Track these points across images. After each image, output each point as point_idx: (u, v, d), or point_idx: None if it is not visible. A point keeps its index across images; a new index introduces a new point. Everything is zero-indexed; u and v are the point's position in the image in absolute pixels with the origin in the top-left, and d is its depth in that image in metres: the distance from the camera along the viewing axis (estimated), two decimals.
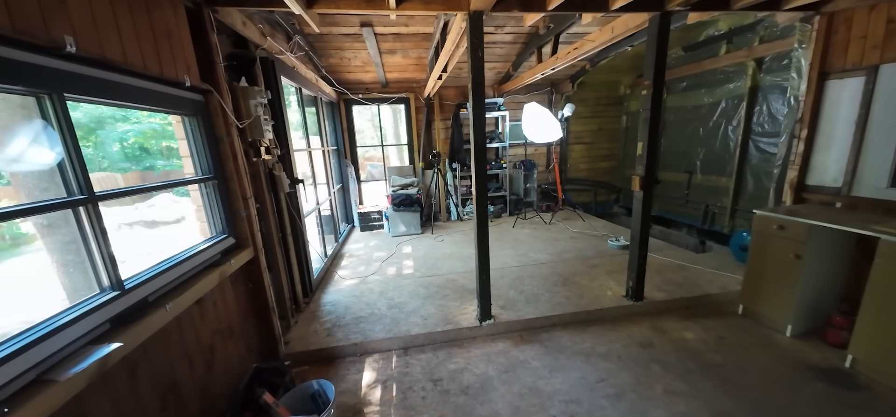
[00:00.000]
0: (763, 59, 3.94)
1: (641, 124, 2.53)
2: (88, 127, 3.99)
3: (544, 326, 2.57)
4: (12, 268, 2.40)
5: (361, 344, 2.36)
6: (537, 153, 6.31)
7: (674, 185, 5.38)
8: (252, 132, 2.14)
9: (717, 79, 4.54)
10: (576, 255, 3.79)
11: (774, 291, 2.36)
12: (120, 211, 5.25)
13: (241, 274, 1.97)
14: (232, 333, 1.84)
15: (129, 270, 1.28)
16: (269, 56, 2.57)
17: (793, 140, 2.66)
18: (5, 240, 3.33)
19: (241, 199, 1.95)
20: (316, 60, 4.33)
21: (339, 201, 5.37)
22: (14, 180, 1.12)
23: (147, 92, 1.37)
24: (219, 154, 1.86)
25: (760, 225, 2.40)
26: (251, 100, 2.11)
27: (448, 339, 2.46)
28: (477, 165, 2.32)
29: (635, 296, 2.71)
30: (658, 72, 2.38)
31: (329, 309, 2.84)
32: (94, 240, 1.12)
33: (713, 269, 3.21)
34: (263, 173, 2.30)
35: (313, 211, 3.53)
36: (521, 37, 4.45)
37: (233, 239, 1.90)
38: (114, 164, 3.84)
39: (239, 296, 1.94)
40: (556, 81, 6.06)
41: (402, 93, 5.55)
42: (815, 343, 2.22)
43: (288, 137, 2.72)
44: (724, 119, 4.48)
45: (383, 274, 3.54)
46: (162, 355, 1.35)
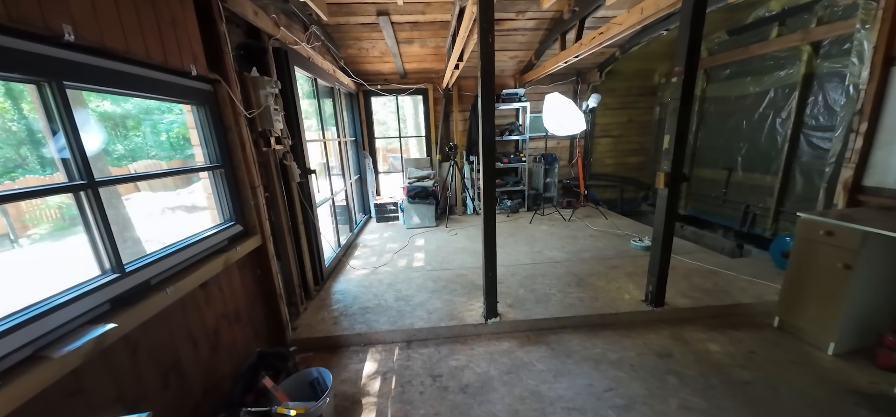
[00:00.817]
0: (821, 43, 3.51)
1: (669, 115, 2.32)
2: (137, 117, 4.29)
3: (553, 328, 2.47)
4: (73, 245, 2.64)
5: (365, 335, 2.38)
6: (559, 147, 6.06)
7: (710, 183, 4.98)
8: (262, 122, 2.17)
9: (765, 65, 4.11)
10: (594, 255, 3.60)
11: (817, 304, 2.10)
12: (164, 197, 5.65)
13: (248, 261, 2.03)
14: (238, 317, 1.90)
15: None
16: (283, 46, 2.60)
17: (850, 134, 2.34)
18: (65, 220, 3.66)
19: (249, 188, 1.99)
20: (334, 51, 4.36)
21: (355, 192, 5.45)
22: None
23: (150, 80, 1.41)
24: (227, 143, 1.90)
25: (805, 229, 2.14)
26: (261, 91, 2.14)
27: (452, 335, 2.42)
28: (485, 158, 2.23)
29: (655, 302, 2.53)
30: (691, 58, 2.15)
31: (338, 298, 2.88)
32: (96, 225, 1.17)
33: (748, 276, 2.93)
34: (274, 163, 2.34)
35: (327, 201, 3.59)
36: (544, 23, 4.23)
37: (240, 227, 1.95)
38: (161, 153, 4.12)
39: (246, 282, 2.00)
40: (583, 70, 5.75)
41: (420, 83, 5.50)
42: (861, 364, 1.96)
43: (300, 128, 2.76)
44: (772, 110, 4.06)
45: (394, 265, 3.55)
46: (165, 335, 1.40)
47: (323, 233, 3.18)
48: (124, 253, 1.26)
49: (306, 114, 3.62)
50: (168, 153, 4.23)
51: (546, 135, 5.12)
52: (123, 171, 4.04)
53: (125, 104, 3.79)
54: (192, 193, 5.39)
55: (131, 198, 5.18)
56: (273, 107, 2.24)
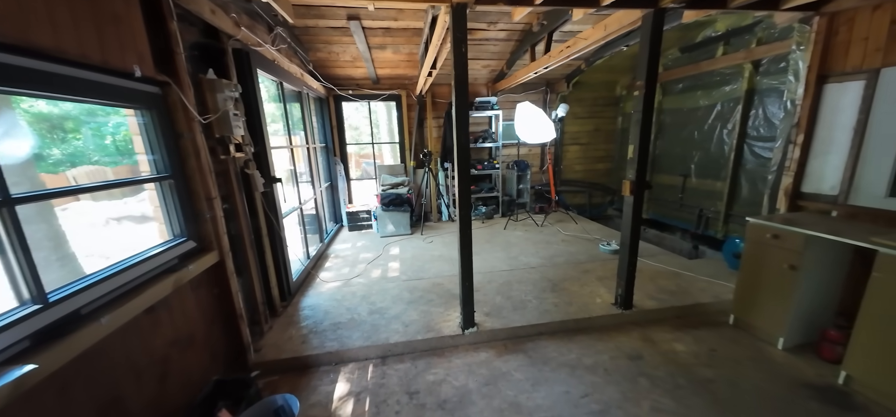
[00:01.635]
0: (760, 62, 3.86)
1: (633, 126, 2.43)
2: (79, 119, 3.84)
3: (530, 335, 2.47)
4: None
5: (337, 353, 2.25)
6: (531, 153, 6.21)
7: (669, 189, 5.31)
8: (220, 128, 2.01)
9: (713, 81, 4.46)
10: (567, 259, 3.69)
11: (767, 302, 2.27)
12: (109, 206, 5.08)
13: (204, 279, 1.85)
14: (192, 343, 1.72)
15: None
16: (244, 48, 2.44)
17: (788, 145, 2.57)
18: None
19: (204, 200, 1.83)
20: (301, 54, 4.19)
21: (326, 200, 5.24)
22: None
23: (86, 82, 1.24)
24: (179, 151, 1.73)
25: (754, 233, 2.31)
26: (218, 94, 1.98)
27: (429, 348, 2.35)
28: (461, 166, 2.21)
29: (625, 305, 2.61)
30: (651, 73, 2.27)
31: (307, 314, 2.72)
32: (11, 248, 1.00)
33: (707, 277, 3.12)
34: (234, 171, 2.17)
35: (295, 211, 3.40)
36: (514, 34, 4.33)
37: (194, 243, 1.78)
38: (105, 158, 3.69)
39: (202, 303, 1.82)
40: (552, 81, 5.95)
41: (393, 89, 5.42)
42: (808, 357, 2.13)
43: (264, 134, 2.59)
44: (719, 122, 4.40)
45: (368, 276, 3.42)
46: (101, 370, 1.23)
47: (290, 245, 3.00)
48: (54, 274, 1.09)
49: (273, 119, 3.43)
50: (113, 158, 3.82)
51: (518, 143, 5.22)
52: (60, 179, 3.60)
53: (64, 104, 3.39)
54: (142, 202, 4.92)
55: (69, 209, 4.62)
56: (232, 111, 2.09)
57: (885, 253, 1.68)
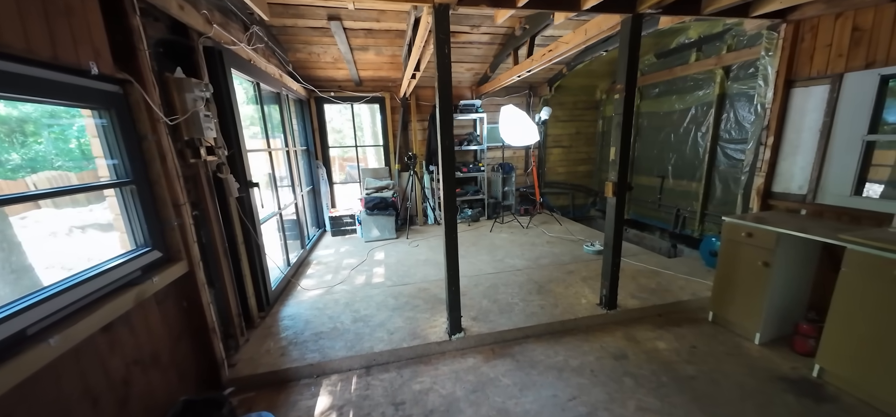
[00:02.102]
0: (731, 67, 4.03)
1: (614, 129, 2.46)
2: (40, 121, 3.55)
3: (517, 338, 2.45)
4: None
5: (319, 365, 2.15)
6: (516, 156, 6.26)
7: (647, 189, 5.45)
8: (189, 129, 1.89)
9: (687, 85, 4.62)
10: (552, 260, 3.71)
11: (743, 299, 2.34)
12: (73, 214, 4.73)
13: (172, 292, 1.73)
14: (157, 361, 1.59)
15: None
16: (217, 46, 2.32)
17: (760, 147, 2.68)
18: None
19: (171, 206, 1.71)
20: (280, 54, 4.07)
21: (308, 204, 5.08)
22: None
23: (32, 80, 1.13)
24: (142, 154, 1.62)
25: (729, 232, 2.38)
26: (187, 94, 1.86)
27: (415, 355, 2.29)
28: (445, 169, 2.17)
29: (609, 305, 2.64)
30: (630, 76, 2.31)
31: (287, 325, 2.60)
32: None
33: (685, 275, 3.21)
34: (205, 176, 2.05)
35: (273, 216, 3.27)
36: (497, 38, 4.35)
37: (159, 253, 1.66)
38: (69, 163, 3.41)
39: (168, 317, 1.70)
40: (534, 84, 6.02)
41: (377, 92, 5.34)
42: (783, 351, 2.21)
43: (239, 136, 2.47)
44: (694, 125, 4.56)
45: (351, 283, 3.32)
46: (49, 397, 1.11)
47: (269, 252, 2.87)
48: (4, 289, 0.97)
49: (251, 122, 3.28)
50: (78, 163, 3.56)
51: (502, 145, 5.25)
52: (19, 186, 3.32)
53: (23, 106, 3.13)
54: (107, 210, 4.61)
55: (28, 217, 4.27)
56: (203, 112, 1.97)
57: (853, 250, 1.75)
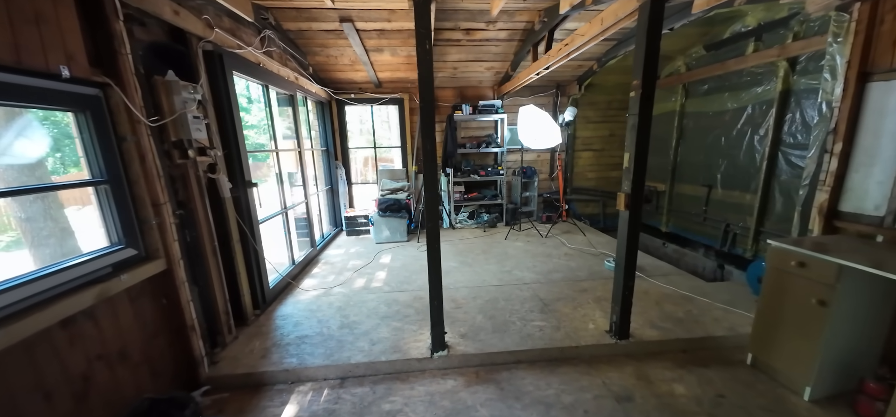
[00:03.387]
0: (798, 59, 3.39)
1: (628, 131, 2.14)
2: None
3: (507, 363, 2.22)
4: None
5: (294, 371, 2.11)
6: (540, 159, 5.89)
7: (691, 200, 4.82)
8: (177, 131, 1.94)
9: (743, 81, 3.99)
10: (565, 276, 3.38)
11: (792, 342, 1.89)
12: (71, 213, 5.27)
13: (148, 289, 1.77)
14: (126, 357, 1.63)
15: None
16: (218, 49, 2.38)
17: (824, 155, 2.17)
18: None
19: (150, 205, 1.75)
20: (300, 58, 4.18)
21: (325, 203, 5.21)
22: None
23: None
24: (122, 154, 1.67)
25: (776, 259, 1.94)
26: (176, 96, 1.91)
27: (393, 371, 2.17)
28: (427, 172, 2.02)
29: (620, 333, 2.30)
30: (649, 71, 1.98)
31: (278, 325, 2.62)
32: None
33: (724, 305, 2.73)
34: (194, 176, 2.10)
35: (277, 215, 3.34)
36: (516, 33, 4.09)
37: (134, 251, 1.70)
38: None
39: (143, 314, 1.74)
40: (562, 83, 5.63)
41: (396, 93, 5.33)
42: (840, 411, 1.74)
43: (238, 138, 2.53)
44: (750, 127, 3.92)
45: (350, 285, 3.29)
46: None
47: (272, 250, 2.93)
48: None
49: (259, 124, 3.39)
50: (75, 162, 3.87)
51: (522, 149, 4.95)
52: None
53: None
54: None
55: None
56: (193, 114, 2.02)
57: None
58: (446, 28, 3.89)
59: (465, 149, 5.45)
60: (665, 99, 5.28)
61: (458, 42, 4.18)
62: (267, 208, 3.11)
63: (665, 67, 5.28)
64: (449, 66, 4.77)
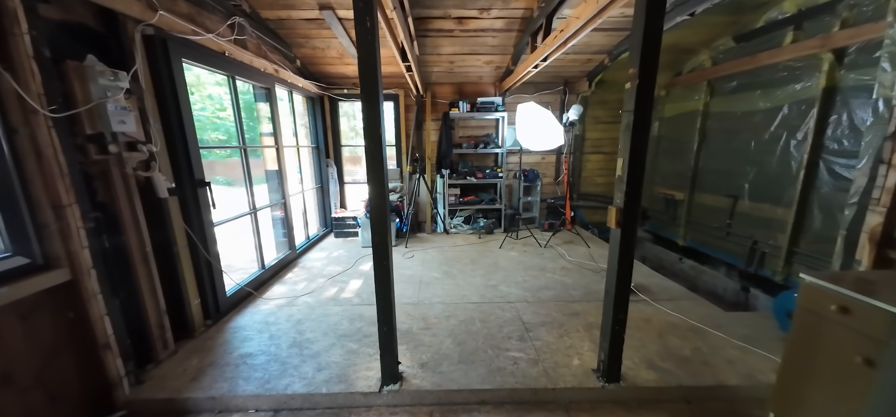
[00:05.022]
0: (845, 50, 2.86)
1: (623, 132, 1.75)
2: None
3: (468, 403, 1.89)
4: None
5: (222, 400, 1.86)
6: (544, 162, 5.47)
7: (713, 212, 4.29)
8: (93, 123, 1.73)
9: (778, 77, 3.45)
10: (557, 295, 2.99)
11: (826, 407, 1.46)
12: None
13: (46, 302, 1.56)
14: (9, 380, 1.42)
15: None
16: (161, 35, 2.16)
17: (879, 166, 1.70)
18: None
19: (49, 208, 1.53)
20: (283, 50, 3.97)
21: (315, 203, 5.01)
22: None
23: None
24: (15, 149, 1.45)
25: (811, 298, 1.51)
26: (92, 83, 1.69)
27: (334, 405, 1.88)
28: (373, 173, 1.71)
29: (608, 375, 1.91)
30: (647, 58, 1.60)
31: (226, 339, 2.39)
32: None
33: (742, 341, 2.27)
34: (118, 174, 1.88)
35: (243, 216, 3.12)
36: (514, 23, 3.72)
37: (24, 259, 1.49)
38: None
39: (36, 331, 1.53)
40: (571, 79, 5.18)
41: (390, 89, 5.05)
42: None
43: (184, 131, 2.31)
44: (785, 130, 3.39)
45: (319, 295, 3.04)
46: None
47: (236, 254, 2.71)
48: None
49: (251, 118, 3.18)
50: None
51: (520, 150, 4.56)
52: None
53: None
54: None
55: None
56: (118, 105, 1.80)
57: None
58: (435, 16, 3.57)
59: (462, 149, 5.10)
60: (686, 97, 4.75)
61: (450, 32, 3.85)
62: (230, 209, 2.90)
63: (687, 62, 4.75)
64: (444, 59, 4.44)
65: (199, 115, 8.40)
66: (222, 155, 10.17)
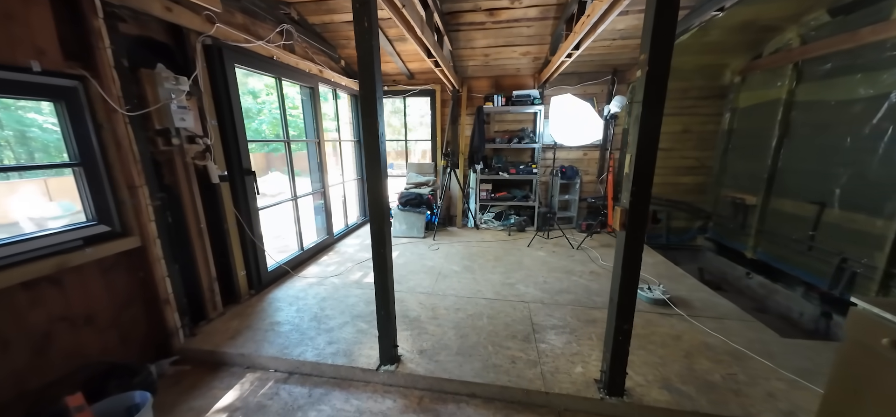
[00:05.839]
0: None
1: (631, 125, 1.60)
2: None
3: (458, 393, 1.92)
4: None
5: (249, 357, 2.16)
6: (586, 158, 5.12)
7: (792, 220, 3.65)
8: (161, 119, 2.11)
9: (884, 57, 2.81)
10: (576, 299, 2.83)
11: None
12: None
13: (122, 262, 1.97)
14: (93, 322, 1.84)
15: None
16: (218, 43, 2.53)
17: None
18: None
19: (125, 188, 1.93)
20: (331, 52, 4.32)
21: (357, 193, 5.38)
22: None
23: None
24: (101, 140, 1.86)
25: (861, 329, 1.23)
26: (159, 88, 2.07)
27: (337, 376, 2.06)
28: (369, 166, 1.81)
29: (609, 388, 1.78)
30: (660, 41, 1.43)
31: (264, 308, 2.74)
32: None
33: (794, 373, 1.93)
34: (181, 162, 2.27)
35: (286, 202, 3.50)
36: (549, 10, 3.55)
37: (106, 227, 1.90)
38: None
39: (115, 284, 1.94)
40: (620, 67, 4.75)
41: (428, 84, 5.17)
42: None
43: (235, 127, 2.68)
44: (892, 123, 2.74)
45: (345, 278, 3.30)
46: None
47: (278, 236, 3.08)
48: None
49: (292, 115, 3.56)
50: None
51: (555, 145, 4.33)
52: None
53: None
54: None
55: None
56: (178, 104, 2.17)
57: None
58: (466, 10, 3.56)
59: (496, 144, 5.02)
60: (765, 84, 4.07)
61: (482, 25, 3.81)
62: (275, 195, 3.28)
63: (769, 42, 4.05)
64: (478, 53, 4.40)
65: (274, 113, 9.51)
66: (295, 148, 11.37)
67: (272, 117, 9.42)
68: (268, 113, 9.50)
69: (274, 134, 8.81)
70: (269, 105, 9.43)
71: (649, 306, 2.73)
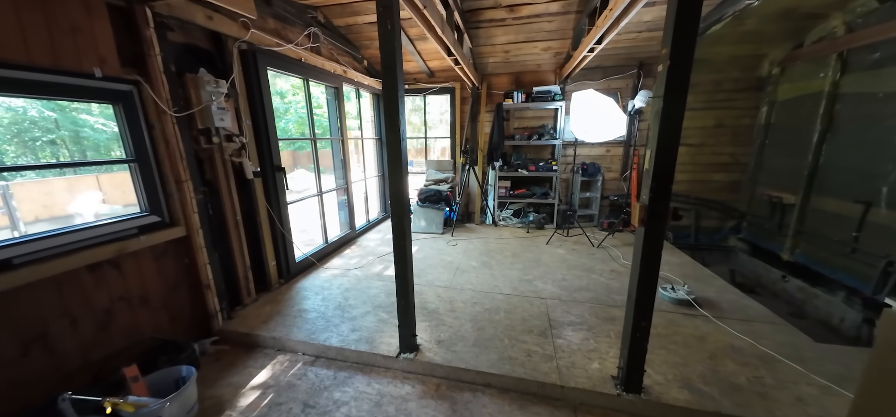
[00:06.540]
0: None
1: (652, 120, 1.59)
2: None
3: (474, 383, 1.98)
4: None
5: (280, 340, 2.32)
6: (609, 155, 5.00)
7: (834, 220, 3.44)
8: (203, 120, 2.30)
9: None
10: (595, 297, 2.81)
11: None
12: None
13: (171, 249, 2.17)
14: (146, 302, 2.05)
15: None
16: (252, 48, 2.71)
17: None
18: None
19: (173, 182, 2.13)
20: (354, 53, 4.46)
21: (378, 190, 5.53)
22: None
23: (40, 84, 1.58)
24: (153, 139, 2.06)
25: (894, 333, 1.18)
26: (201, 91, 2.26)
27: (359, 361, 2.17)
28: (391, 162, 1.90)
29: (626, 385, 1.79)
30: (682, 35, 1.41)
31: (292, 296, 2.91)
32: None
33: (827, 379, 1.85)
34: (220, 158, 2.46)
35: (311, 197, 3.68)
36: (571, 4, 3.51)
37: (157, 217, 2.10)
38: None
39: (165, 269, 2.15)
40: (647, 61, 4.60)
41: (448, 82, 5.23)
42: None
43: (268, 126, 2.85)
44: None
45: (367, 270, 3.43)
46: (26, 311, 1.57)
47: (305, 229, 3.26)
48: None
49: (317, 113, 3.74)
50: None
51: (575, 142, 4.26)
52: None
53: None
54: None
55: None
56: (217, 105, 2.35)
57: None
58: (486, 7, 3.58)
59: (516, 140, 5.01)
60: (807, 75, 3.83)
61: (502, 21, 3.81)
62: (302, 191, 3.47)
63: (812, 31, 3.81)
64: (499, 49, 4.41)
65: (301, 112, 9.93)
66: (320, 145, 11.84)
67: (298, 116, 9.83)
68: (294, 112, 9.94)
69: (299, 132, 9.20)
70: (294, 105, 9.85)
71: (672, 306, 2.67)
